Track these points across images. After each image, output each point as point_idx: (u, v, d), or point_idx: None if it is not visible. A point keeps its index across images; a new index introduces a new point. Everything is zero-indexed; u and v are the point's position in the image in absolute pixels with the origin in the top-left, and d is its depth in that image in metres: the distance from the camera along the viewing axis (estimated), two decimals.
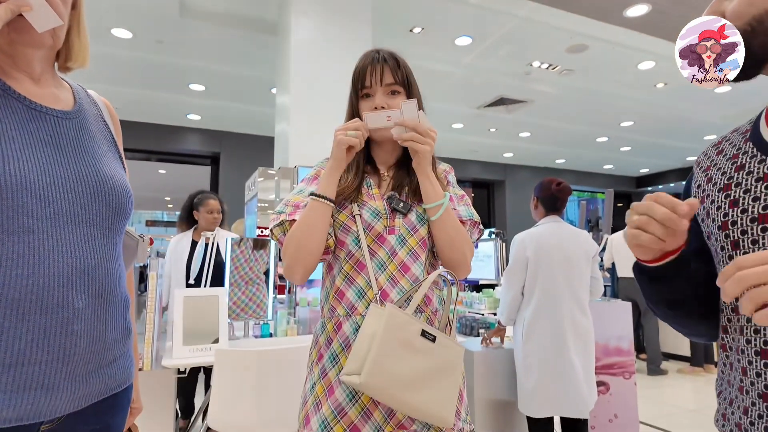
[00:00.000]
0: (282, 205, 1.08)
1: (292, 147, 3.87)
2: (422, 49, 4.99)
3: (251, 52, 5.01)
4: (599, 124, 7.68)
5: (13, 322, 0.67)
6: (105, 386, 0.80)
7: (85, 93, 0.91)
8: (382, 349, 0.88)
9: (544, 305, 2.32)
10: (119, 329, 0.83)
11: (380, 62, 1.07)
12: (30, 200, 0.70)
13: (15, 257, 0.67)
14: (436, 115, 7.04)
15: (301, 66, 3.95)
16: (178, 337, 2.21)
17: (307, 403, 1.00)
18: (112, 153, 0.89)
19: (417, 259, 1.04)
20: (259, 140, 7.62)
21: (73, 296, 0.72)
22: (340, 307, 1.01)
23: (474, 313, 3.62)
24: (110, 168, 0.84)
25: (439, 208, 1.03)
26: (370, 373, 0.86)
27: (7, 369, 0.66)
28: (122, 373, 0.84)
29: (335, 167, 1.02)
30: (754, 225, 0.62)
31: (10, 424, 0.67)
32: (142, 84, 5.83)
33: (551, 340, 2.30)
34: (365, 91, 1.08)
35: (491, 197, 10.67)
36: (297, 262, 1.00)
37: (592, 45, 4.90)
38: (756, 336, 0.61)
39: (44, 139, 0.76)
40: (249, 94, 6.15)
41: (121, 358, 0.84)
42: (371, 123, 1.03)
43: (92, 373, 0.76)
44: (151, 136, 7.26)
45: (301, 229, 0.99)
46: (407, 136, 1.00)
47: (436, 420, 0.93)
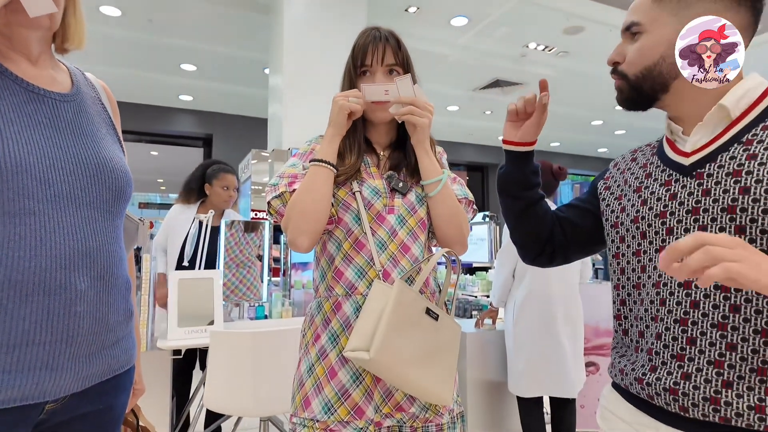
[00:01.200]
0: (276, 177, 1.05)
1: (286, 129, 3.84)
2: (417, 30, 4.93)
3: (243, 32, 4.92)
4: (594, 107, 7.67)
5: (17, 303, 0.67)
6: (108, 367, 0.80)
7: (82, 75, 0.90)
8: (390, 324, 0.87)
9: (535, 288, 2.35)
10: (121, 311, 0.83)
11: (382, 41, 1.05)
12: (30, 182, 0.70)
13: (17, 239, 0.68)
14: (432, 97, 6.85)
15: (295, 46, 3.89)
16: (173, 319, 2.22)
17: (305, 386, 0.98)
18: (110, 136, 0.88)
19: (416, 240, 1.04)
20: (253, 122, 7.55)
21: (76, 278, 0.73)
22: (339, 286, 1.00)
23: (467, 295, 3.66)
24: (109, 151, 0.84)
25: (437, 184, 1.03)
26: (379, 349, 0.85)
27: (11, 349, 0.67)
28: (124, 355, 0.85)
29: (336, 134, 1.01)
30: (657, 219, 0.79)
31: (15, 403, 0.68)
32: (133, 64, 5.72)
33: (541, 322, 2.34)
34: (365, 69, 1.06)
35: (486, 180, 10.68)
36: (302, 230, 0.97)
37: (588, 27, 4.86)
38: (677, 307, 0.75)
39: (43, 121, 0.75)
40: (242, 75, 6.06)
41: (124, 339, 0.85)
42: (369, 95, 1.02)
43: (95, 354, 0.77)
44: (142, 117, 7.16)
45: (305, 195, 0.97)
46: (405, 110, 0.99)
47: (435, 398, 0.94)
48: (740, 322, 0.69)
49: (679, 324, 0.74)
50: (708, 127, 0.76)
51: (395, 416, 0.97)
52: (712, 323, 0.71)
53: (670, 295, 0.76)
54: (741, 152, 0.72)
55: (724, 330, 0.70)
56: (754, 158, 0.70)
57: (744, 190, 0.69)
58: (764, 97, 0.75)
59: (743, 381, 0.68)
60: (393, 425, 0.98)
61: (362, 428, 0.94)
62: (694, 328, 0.73)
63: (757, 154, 0.70)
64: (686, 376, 0.72)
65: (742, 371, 0.68)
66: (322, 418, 0.93)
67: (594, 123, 8.63)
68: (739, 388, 0.68)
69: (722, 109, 0.74)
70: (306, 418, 0.95)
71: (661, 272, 0.78)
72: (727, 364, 0.69)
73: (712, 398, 0.70)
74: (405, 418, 0.98)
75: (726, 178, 0.72)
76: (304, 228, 0.96)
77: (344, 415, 0.93)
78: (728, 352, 0.69)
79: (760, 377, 0.67)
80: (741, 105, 0.74)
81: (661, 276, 0.78)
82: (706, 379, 0.71)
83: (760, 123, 0.73)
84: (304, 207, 0.96)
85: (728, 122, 0.75)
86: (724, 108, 0.74)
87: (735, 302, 0.69)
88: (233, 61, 5.63)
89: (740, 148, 0.72)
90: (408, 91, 1.00)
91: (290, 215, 0.98)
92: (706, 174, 0.74)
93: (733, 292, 0.69)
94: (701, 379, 0.71)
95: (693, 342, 0.72)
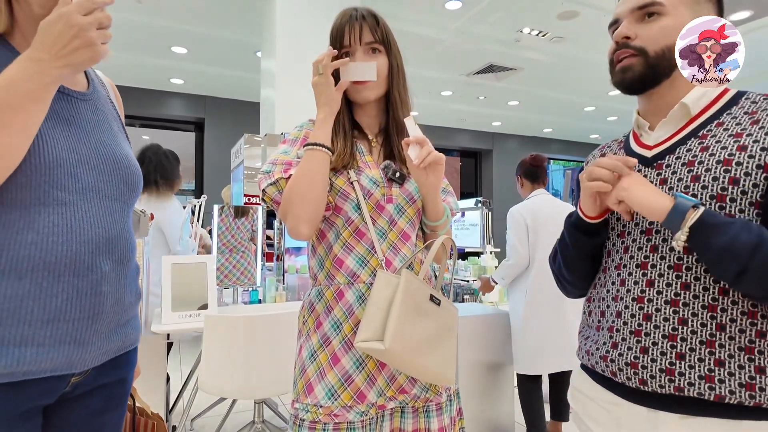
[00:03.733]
0: (269, 164, 1.02)
1: (279, 113, 3.81)
2: (412, 13, 4.87)
3: (235, 14, 4.84)
4: (587, 94, 7.66)
5: (51, 282, 0.74)
6: (122, 343, 0.87)
7: (95, 74, 0.94)
8: (402, 314, 0.88)
9: (544, 271, 2.43)
10: (133, 293, 0.90)
11: (359, 20, 1.03)
12: (63, 176, 0.76)
13: (51, 226, 0.74)
14: (425, 82, 6.94)
15: (287, 29, 3.84)
16: (167, 304, 2.23)
17: (307, 372, 0.98)
18: (121, 133, 0.94)
19: (414, 228, 1.06)
20: (245, 106, 7.47)
21: (101, 261, 0.80)
22: (340, 275, 0.99)
23: (459, 279, 3.70)
24: (123, 148, 0.90)
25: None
26: (394, 339, 0.85)
27: (45, 324, 0.73)
28: (134, 333, 0.92)
29: (330, 113, 0.99)
30: None
31: (46, 374, 0.74)
32: (122, 46, 5.61)
33: (552, 300, 2.43)
34: (344, 50, 1.04)
35: (479, 166, 10.69)
36: (304, 217, 0.95)
37: (583, 11, 4.84)
38: (635, 287, 0.82)
39: (68, 119, 0.80)
40: (233, 58, 5.97)
41: (134, 319, 0.92)
42: (351, 75, 1.00)
43: (114, 330, 0.84)
44: (133, 100, 7.05)
45: (303, 181, 0.95)
46: (425, 153, 0.95)
47: (441, 379, 0.96)
48: (690, 298, 0.76)
49: (636, 302, 0.81)
50: (670, 124, 0.83)
51: (398, 398, 0.99)
52: (666, 300, 0.78)
53: (629, 275, 0.83)
54: (696, 145, 0.79)
55: (676, 306, 0.77)
56: (706, 150, 0.78)
57: (695, 178, 0.77)
58: (721, 97, 0.82)
59: (694, 353, 0.75)
60: (396, 407, 1.00)
61: (364, 411, 0.96)
62: (649, 305, 0.79)
63: (709, 146, 0.78)
64: (644, 350, 0.79)
65: (693, 343, 0.75)
66: (326, 403, 0.94)
67: (587, 109, 8.63)
68: (691, 359, 0.75)
69: (683, 107, 0.82)
70: (309, 403, 0.95)
71: (621, 256, 0.86)
72: (679, 338, 0.76)
73: (668, 369, 0.76)
74: (407, 399, 1.00)
75: (681, 168, 0.80)
76: (305, 216, 0.95)
77: (347, 400, 0.95)
78: (680, 327, 0.76)
79: (709, 349, 0.74)
80: (700, 103, 0.82)
81: (621, 259, 0.86)
82: (662, 352, 0.77)
83: (715, 120, 0.80)
84: (304, 194, 0.94)
85: (688, 118, 0.82)
86: (685, 106, 0.81)
87: (685, 280, 0.77)
88: (225, 44, 5.55)
89: (696, 142, 0.80)
90: (417, 132, 0.97)
91: (289, 203, 0.95)
92: (665, 165, 0.82)
93: (683, 272, 0.77)
94: (657, 352, 0.77)
95: (649, 318, 0.79)
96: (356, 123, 1.10)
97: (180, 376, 3.63)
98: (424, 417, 1.01)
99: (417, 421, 1.01)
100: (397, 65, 1.08)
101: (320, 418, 0.94)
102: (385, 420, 0.99)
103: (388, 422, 1.00)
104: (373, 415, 0.97)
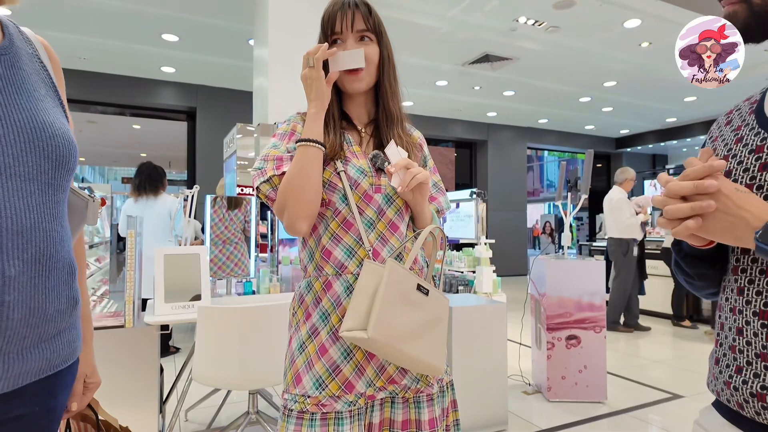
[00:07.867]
0: (261, 161, 1.02)
1: (272, 102, 3.77)
2: (406, 1, 4.83)
3: (227, 1, 4.76)
4: (583, 84, 7.65)
5: None
6: (47, 363, 0.70)
7: (17, 29, 0.77)
8: (385, 303, 0.88)
9: None
10: (63, 299, 0.72)
11: (351, 7, 1.02)
12: None
13: None
14: (421, 72, 6.89)
15: (280, 17, 3.79)
16: (160, 295, 2.21)
17: (296, 363, 0.99)
18: (51, 98, 0.75)
19: (403, 218, 1.05)
20: (237, 95, 7.40)
21: (4, 261, 0.62)
22: (328, 266, 1.00)
23: (454, 270, 3.70)
24: (49, 114, 0.71)
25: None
26: (376, 328, 0.86)
27: None
28: (67, 348, 0.74)
29: (321, 108, 0.99)
30: None
31: None
32: (112, 33, 5.52)
33: None
34: (335, 37, 1.04)
35: (473, 157, 10.68)
36: (299, 215, 0.95)
37: (579, 1, 4.81)
38: (757, 297, 0.64)
39: None
40: (225, 46, 5.90)
41: (66, 331, 0.74)
42: (342, 64, 0.99)
43: (30, 348, 0.66)
44: (123, 89, 6.96)
45: (298, 179, 0.94)
46: (408, 177, 0.96)
47: (430, 369, 0.96)
48: None
49: (758, 317, 0.63)
50: None
51: (388, 389, 0.99)
52: None
53: (749, 284, 0.65)
54: None
55: None
56: None
57: None
58: None
59: None
60: (386, 397, 1.00)
61: (352, 402, 0.96)
62: None
63: None
64: None
65: None
66: (314, 393, 0.95)
67: (582, 100, 8.63)
68: None
69: None
70: (297, 394, 0.96)
71: (739, 257, 0.67)
72: None
73: None
74: (397, 389, 1.00)
75: None
76: (302, 213, 0.95)
77: (335, 390, 0.95)
78: None
79: None
80: None
81: (738, 261, 0.67)
82: None
83: None
84: (299, 191, 0.94)
85: None
86: None
87: None
88: (217, 31, 5.47)
89: None
90: (397, 157, 0.98)
91: (285, 200, 0.95)
92: None
93: None
94: None
95: None
96: (345, 114, 1.10)
97: (174, 367, 3.63)
98: (414, 408, 1.01)
99: (407, 411, 1.00)
100: (388, 55, 1.07)
101: (308, 408, 0.94)
102: (375, 410, 0.99)
103: (378, 413, 1.00)
104: (361, 406, 0.97)
